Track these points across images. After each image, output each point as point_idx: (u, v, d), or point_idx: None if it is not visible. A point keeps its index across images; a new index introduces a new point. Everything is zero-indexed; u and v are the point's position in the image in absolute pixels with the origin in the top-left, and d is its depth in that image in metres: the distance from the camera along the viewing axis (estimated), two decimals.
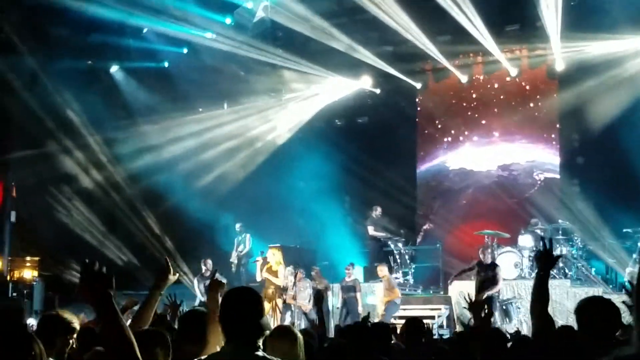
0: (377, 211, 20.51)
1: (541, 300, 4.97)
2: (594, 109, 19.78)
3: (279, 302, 17.35)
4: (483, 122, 22.55)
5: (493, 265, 16.17)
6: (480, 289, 15.65)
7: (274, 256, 17.89)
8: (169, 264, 5.07)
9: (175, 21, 20.68)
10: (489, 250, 16.86)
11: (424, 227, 23.24)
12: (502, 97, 22.22)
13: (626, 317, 4.72)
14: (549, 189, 21.51)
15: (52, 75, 20.05)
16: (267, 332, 3.95)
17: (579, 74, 20.06)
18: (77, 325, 5.56)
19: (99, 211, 21.06)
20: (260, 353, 3.76)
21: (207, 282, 18.84)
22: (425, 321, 16.76)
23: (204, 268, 18.08)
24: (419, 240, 22.96)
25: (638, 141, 18.65)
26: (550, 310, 14.47)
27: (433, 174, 23.29)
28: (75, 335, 5.50)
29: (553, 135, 21.75)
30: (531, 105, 21.85)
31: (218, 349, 4.18)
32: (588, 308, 4.74)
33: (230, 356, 3.73)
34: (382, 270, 17.87)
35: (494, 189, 22.30)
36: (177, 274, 5.02)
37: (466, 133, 22.79)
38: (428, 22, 19.99)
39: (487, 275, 15.93)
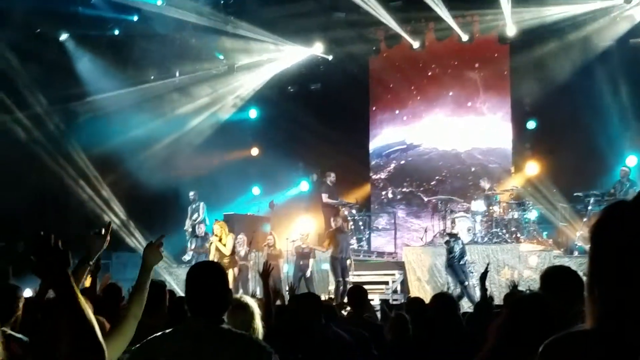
0: (331, 177, 20.15)
1: None
2: (544, 73, 20.03)
3: (235, 271, 17.20)
4: (435, 88, 22.58)
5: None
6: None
7: (220, 229, 17.59)
8: (108, 231, 4.78)
9: None
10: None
11: (378, 193, 23.28)
12: (454, 62, 22.26)
13: None
14: (501, 154, 21.68)
15: None
16: (231, 305, 3.94)
17: (530, 39, 20.28)
18: (22, 301, 5.52)
19: (50, 180, 20.77)
20: (225, 326, 3.77)
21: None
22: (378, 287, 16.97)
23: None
24: (373, 207, 22.99)
25: (589, 105, 18.86)
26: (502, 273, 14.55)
27: (387, 142, 23.32)
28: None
29: (504, 100, 21.85)
30: (483, 70, 21.95)
31: None
32: (555, 275, 4.72)
33: (196, 330, 3.72)
34: (337, 221, 17.42)
35: (449, 157, 22.43)
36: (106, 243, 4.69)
37: (419, 99, 22.84)
38: None
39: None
